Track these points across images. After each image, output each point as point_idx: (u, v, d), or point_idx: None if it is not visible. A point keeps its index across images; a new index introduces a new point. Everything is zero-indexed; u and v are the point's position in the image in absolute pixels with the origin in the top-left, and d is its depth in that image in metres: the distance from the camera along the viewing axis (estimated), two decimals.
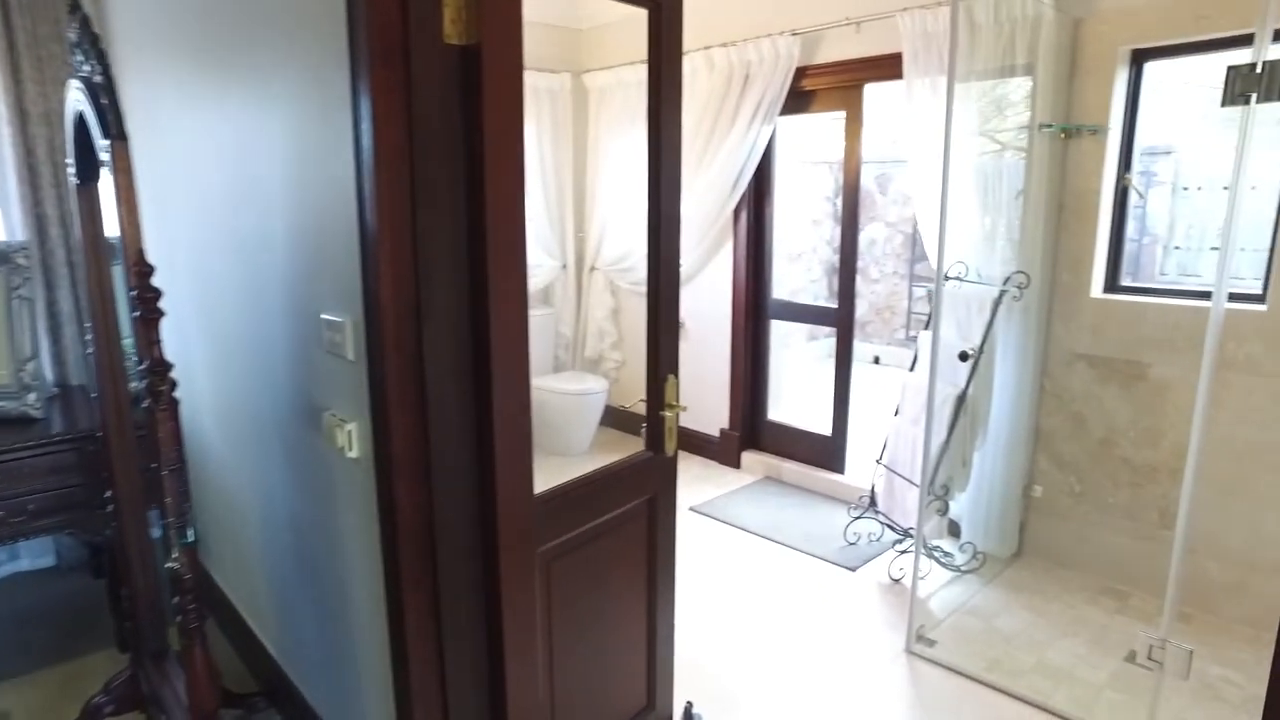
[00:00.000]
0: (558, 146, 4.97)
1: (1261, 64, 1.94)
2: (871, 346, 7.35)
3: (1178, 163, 5.18)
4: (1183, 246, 5.03)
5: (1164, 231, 5.28)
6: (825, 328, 5.75)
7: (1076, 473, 3.21)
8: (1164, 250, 5.21)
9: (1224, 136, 5.21)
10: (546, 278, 5.06)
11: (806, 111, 4.07)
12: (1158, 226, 5.22)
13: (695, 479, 4.45)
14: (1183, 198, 5.26)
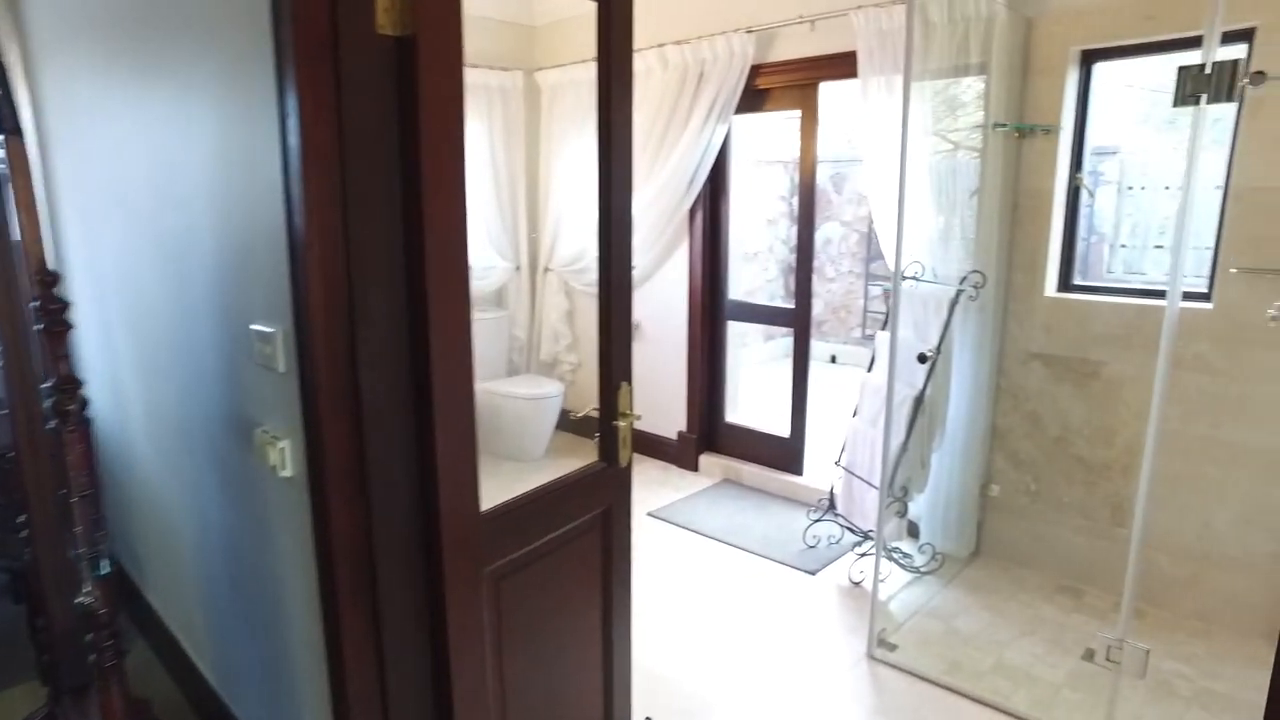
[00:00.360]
0: (510, 145, 4.87)
1: (1210, 65, 1.94)
2: (828, 345, 7.37)
3: (1123, 163, 5.27)
4: (1129, 245, 5.11)
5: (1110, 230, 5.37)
6: (783, 328, 5.73)
7: (1032, 471, 3.22)
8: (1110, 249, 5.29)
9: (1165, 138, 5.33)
10: (499, 279, 4.96)
11: (761, 110, 4.03)
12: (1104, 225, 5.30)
13: (653, 483, 4.39)
14: (1128, 197, 5.35)
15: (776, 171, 7.20)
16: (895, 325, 2.78)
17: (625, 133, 1.82)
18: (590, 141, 4.73)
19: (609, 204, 1.83)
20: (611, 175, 1.82)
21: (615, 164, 1.82)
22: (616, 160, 1.82)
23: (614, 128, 1.79)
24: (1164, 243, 5.00)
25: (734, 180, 4.31)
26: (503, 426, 4.75)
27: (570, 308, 5.08)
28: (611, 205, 1.83)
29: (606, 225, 1.84)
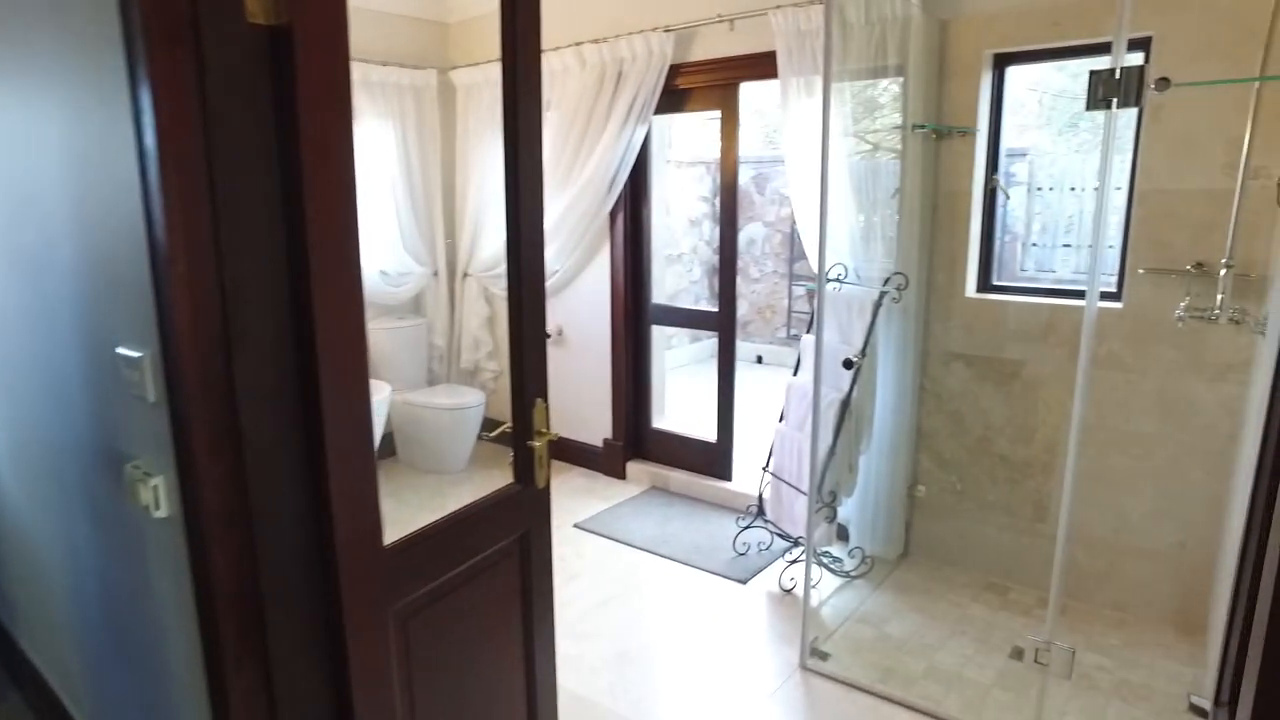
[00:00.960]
0: (424, 147, 4.68)
1: (1119, 70, 1.95)
2: (754, 346, 7.39)
3: (1032, 164, 5.42)
4: (1039, 244, 5.25)
5: (1022, 229, 5.51)
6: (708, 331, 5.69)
7: (957, 471, 3.24)
8: (1023, 248, 5.43)
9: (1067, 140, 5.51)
10: (416, 285, 4.76)
11: (682, 110, 3.97)
12: (1016, 225, 5.44)
13: (579, 492, 4.28)
14: (1037, 197, 5.51)
15: (699, 173, 7.18)
16: (820, 329, 2.75)
17: (534, 135, 1.71)
18: None
19: (517, 209, 1.71)
20: (520, 179, 1.70)
21: (524, 169, 1.70)
22: (525, 165, 1.70)
23: (522, 131, 1.68)
24: (1071, 241, 5.16)
25: (655, 182, 4.23)
26: (423, 439, 4.57)
27: (490, 314, 4.93)
28: (521, 210, 1.71)
29: (515, 232, 1.73)
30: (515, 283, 1.77)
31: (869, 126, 3.24)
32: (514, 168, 1.69)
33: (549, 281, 4.49)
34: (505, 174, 1.70)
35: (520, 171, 1.69)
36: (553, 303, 4.60)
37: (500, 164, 4.20)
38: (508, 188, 1.71)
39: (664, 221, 7.00)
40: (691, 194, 7.18)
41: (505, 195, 1.72)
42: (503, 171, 1.72)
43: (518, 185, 1.69)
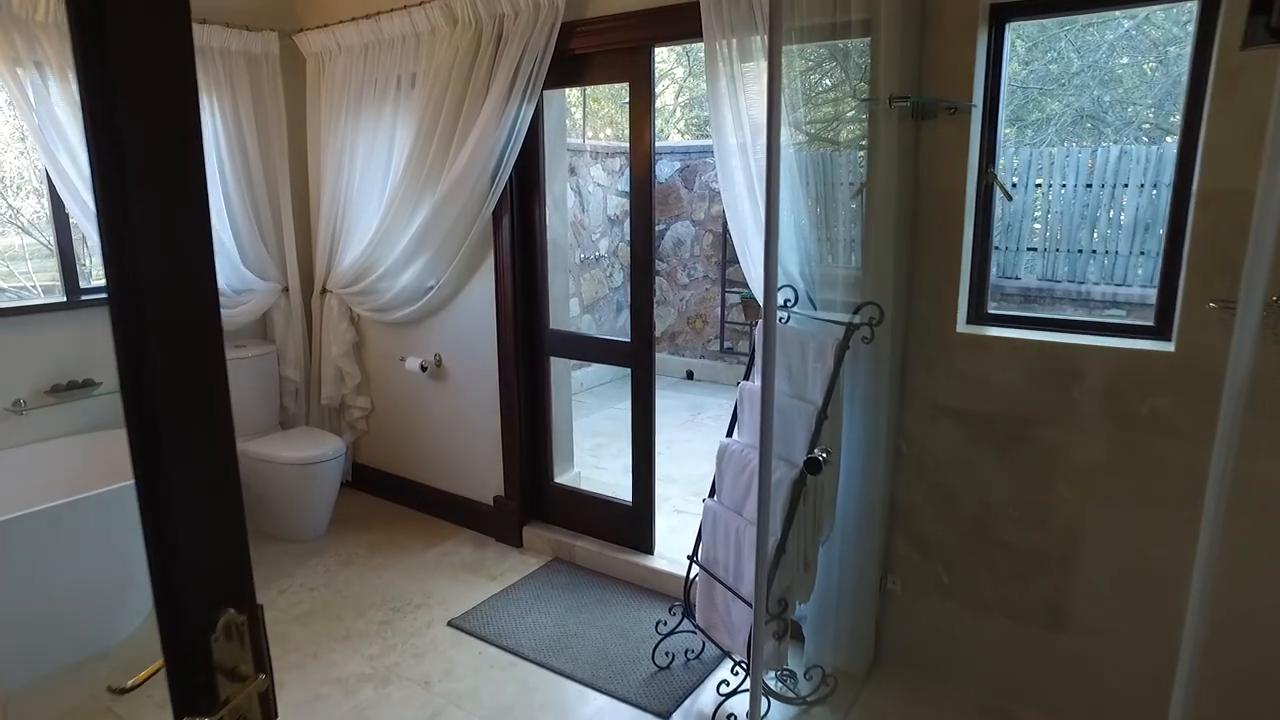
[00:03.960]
0: (264, 129, 3.69)
1: None
2: (684, 360, 6.57)
3: (1031, 154, 4.72)
4: (1038, 249, 4.54)
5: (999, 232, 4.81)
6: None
7: (944, 560, 2.45)
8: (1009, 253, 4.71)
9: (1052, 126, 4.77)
10: (259, 305, 3.77)
11: (579, 83, 3.09)
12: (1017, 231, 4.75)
13: (463, 569, 3.37)
14: (1031, 193, 4.82)
15: (620, 163, 6.31)
16: (767, 378, 1.91)
17: None
18: (369, 124, 3.68)
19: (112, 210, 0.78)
20: (111, 160, 0.78)
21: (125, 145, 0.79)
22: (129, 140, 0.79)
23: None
24: (1094, 248, 4.46)
25: (551, 175, 3.34)
26: (270, 498, 3.60)
27: (357, 338, 3.97)
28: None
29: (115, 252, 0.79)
30: (125, 354, 0.84)
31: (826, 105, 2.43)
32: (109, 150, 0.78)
33: (423, 300, 3.55)
34: (91, 163, 0.78)
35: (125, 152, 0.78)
36: (430, 326, 3.67)
37: (363, 152, 3.26)
38: (99, 184, 0.79)
39: (579, 220, 6.14)
40: (612, 188, 6.31)
41: (95, 193, 0.79)
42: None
43: (107, 171, 0.78)
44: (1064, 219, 4.71)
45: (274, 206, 3.77)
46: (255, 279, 3.71)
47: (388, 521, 3.84)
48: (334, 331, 3.88)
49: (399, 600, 3.12)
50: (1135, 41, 6.35)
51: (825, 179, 2.42)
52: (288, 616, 3.01)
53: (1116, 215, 4.52)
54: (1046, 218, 4.79)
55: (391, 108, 3.42)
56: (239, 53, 3.51)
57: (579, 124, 6.52)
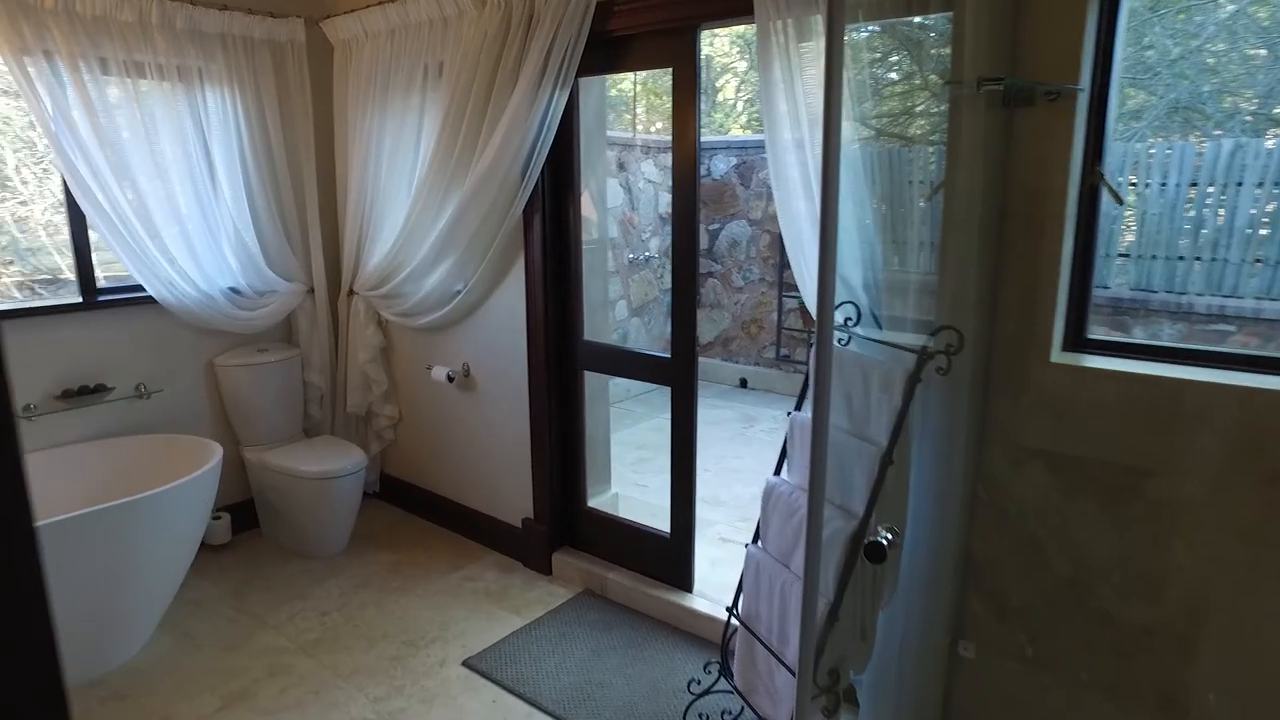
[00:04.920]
0: (289, 123, 3.49)
1: None
2: (736, 367, 6.23)
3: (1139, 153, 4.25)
4: (1130, 255, 4.08)
5: None
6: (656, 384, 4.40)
7: (1029, 626, 2.08)
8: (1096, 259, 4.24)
9: None
10: (282, 307, 3.57)
11: (617, 69, 2.80)
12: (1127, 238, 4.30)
13: (486, 597, 3.11)
14: (1151, 199, 4.35)
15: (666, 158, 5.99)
16: (822, 412, 1.58)
17: None
18: (396, 115, 3.44)
19: None
20: None
21: None
22: None
23: None
24: (1198, 255, 3.98)
25: (587, 171, 3.05)
26: (288, 512, 3.41)
27: (385, 343, 3.75)
28: None
29: None
30: None
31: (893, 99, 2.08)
32: None
33: (450, 305, 3.30)
34: None
35: None
36: (458, 333, 3.43)
37: (390, 145, 3.02)
38: None
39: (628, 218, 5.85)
40: (664, 184, 5.99)
41: None
42: None
43: None
44: (1162, 222, 4.22)
45: (299, 203, 3.57)
46: (278, 279, 3.51)
47: (412, 539, 3.61)
48: (360, 336, 3.67)
49: (414, 632, 2.87)
50: (1238, 26, 5.75)
51: (894, 178, 2.08)
52: (295, 645, 2.79)
53: (1229, 218, 4.02)
54: (1141, 220, 4.30)
55: (418, 98, 3.17)
56: (263, 40, 3.31)
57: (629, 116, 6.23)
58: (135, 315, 3.20)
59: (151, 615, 2.80)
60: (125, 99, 2.99)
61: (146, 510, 2.57)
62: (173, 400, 3.33)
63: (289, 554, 3.46)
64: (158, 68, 3.05)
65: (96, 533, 2.47)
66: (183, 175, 3.16)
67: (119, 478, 3.02)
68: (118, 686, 2.59)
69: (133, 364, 3.21)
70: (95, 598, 2.54)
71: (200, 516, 2.89)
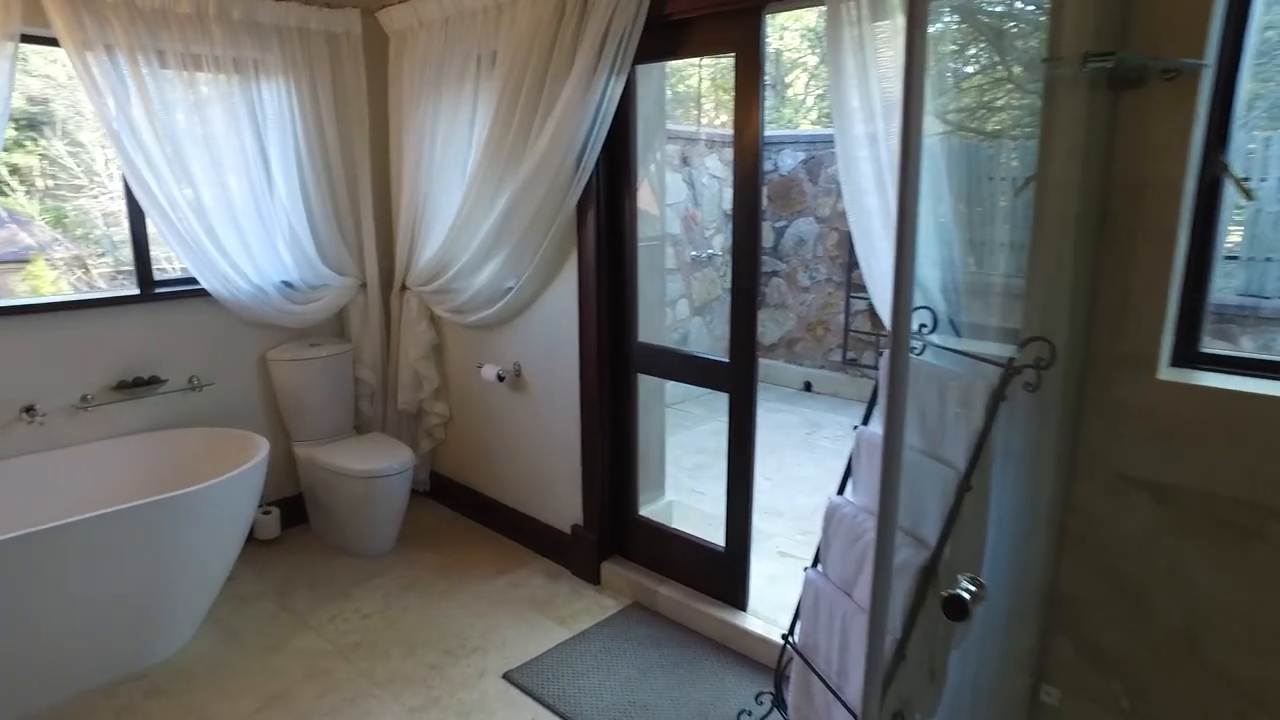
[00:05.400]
0: (344, 115, 3.44)
1: None
2: (801, 370, 6.00)
3: None
4: (1240, 257, 3.73)
5: None
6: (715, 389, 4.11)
7: (1126, 676, 1.85)
8: None
9: None
10: (334, 302, 3.53)
11: (676, 54, 2.63)
12: None
13: (531, 605, 3.00)
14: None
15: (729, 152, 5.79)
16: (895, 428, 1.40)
17: None
18: (451, 107, 3.35)
19: None
20: None
21: None
22: None
23: None
24: None
25: (644, 164, 2.90)
26: (335, 510, 3.37)
27: (437, 341, 3.67)
28: None
29: None
30: None
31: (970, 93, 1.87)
32: None
33: (501, 303, 3.19)
34: None
35: None
36: (509, 332, 3.32)
37: (448, 136, 2.93)
38: None
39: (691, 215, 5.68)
40: (729, 179, 5.80)
41: None
42: None
43: None
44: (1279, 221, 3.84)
45: (353, 196, 3.52)
46: (331, 274, 3.47)
47: (459, 540, 3.52)
48: (412, 332, 3.60)
49: (455, 639, 2.78)
50: None
51: (972, 174, 1.87)
52: (334, 648, 2.73)
53: None
54: (1254, 218, 3.93)
55: (471, 88, 3.07)
56: (318, 32, 3.26)
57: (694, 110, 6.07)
58: (190, 308, 3.19)
59: (196, 610, 2.78)
60: (182, 92, 2.97)
61: (190, 505, 2.53)
62: (225, 393, 3.32)
63: (336, 551, 3.42)
64: (214, 60, 3.02)
65: (140, 527, 2.44)
66: (238, 168, 3.13)
67: (167, 470, 3.01)
68: (160, 681, 2.57)
69: (186, 356, 3.20)
70: (139, 591, 2.52)
71: (245, 512, 2.85)
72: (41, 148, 4.02)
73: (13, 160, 7.56)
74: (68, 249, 9.63)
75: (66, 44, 2.69)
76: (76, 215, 7.82)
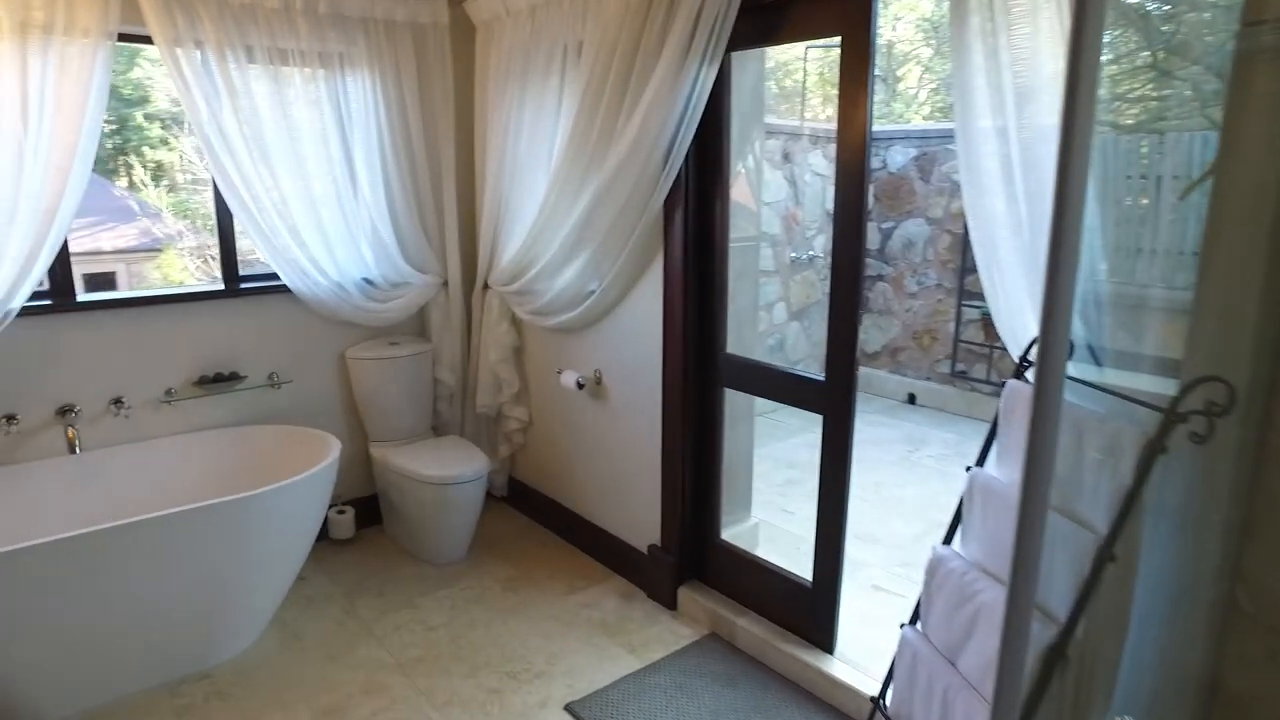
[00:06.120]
0: (430, 109, 3.34)
1: None
2: (905, 381, 5.61)
3: None
4: None
5: None
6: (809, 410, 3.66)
7: None
8: None
9: None
10: (414, 300, 3.45)
11: (776, 39, 2.39)
12: None
13: (599, 628, 2.82)
14: None
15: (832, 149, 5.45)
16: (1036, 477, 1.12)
17: None
18: (540, 98, 3.22)
19: None
20: None
21: None
22: None
23: None
24: None
25: (737, 160, 2.67)
26: (408, 514, 3.29)
27: (518, 343, 3.55)
28: None
29: None
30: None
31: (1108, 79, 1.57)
32: None
33: (583, 306, 3.03)
34: None
35: None
36: (591, 337, 3.15)
37: (536, 130, 2.74)
38: None
39: (791, 214, 5.38)
40: (833, 178, 5.46)
41: None
42: None
43: None
44: None
45: (436, 192, 3.43)
46: (412, 271, 3.38)
47: (532, 551, 3.39)
48: (493, 333, 3.49)
49: (519, 662, 2.63)
50: None
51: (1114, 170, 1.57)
52: (395, 661, 2.63)
53: None
54: None
55: (557, 80, 2.91)
56: (405, 23, 3.17)
57: (799, 104, 5.76)
58: (273, 304, 3.16)
59: (262, 612, 2.73)
60: (268, 87, 2.93)
61: (257, 507, 2.48)
62: (303, 391, 3.28)
63: (407, 556, 3.34)
64: (300, 54, 2.97)
65: (205, 528, 2.40)
66: (321, 162, 3.08)
67: (240, 468, 2.99)
68: (222, 682, 2.52)
69: (267, 353, 3.18)
70: (206, 591, 2.48)
71: (314, 514, 2.79)
72: (179, 145, 4.11)
73: (157, 157, 7.92)
74: (191, 240, 10.04)
75: (159, 41, 2.68)
76: (199, 208, 8.18)
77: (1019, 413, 1.58)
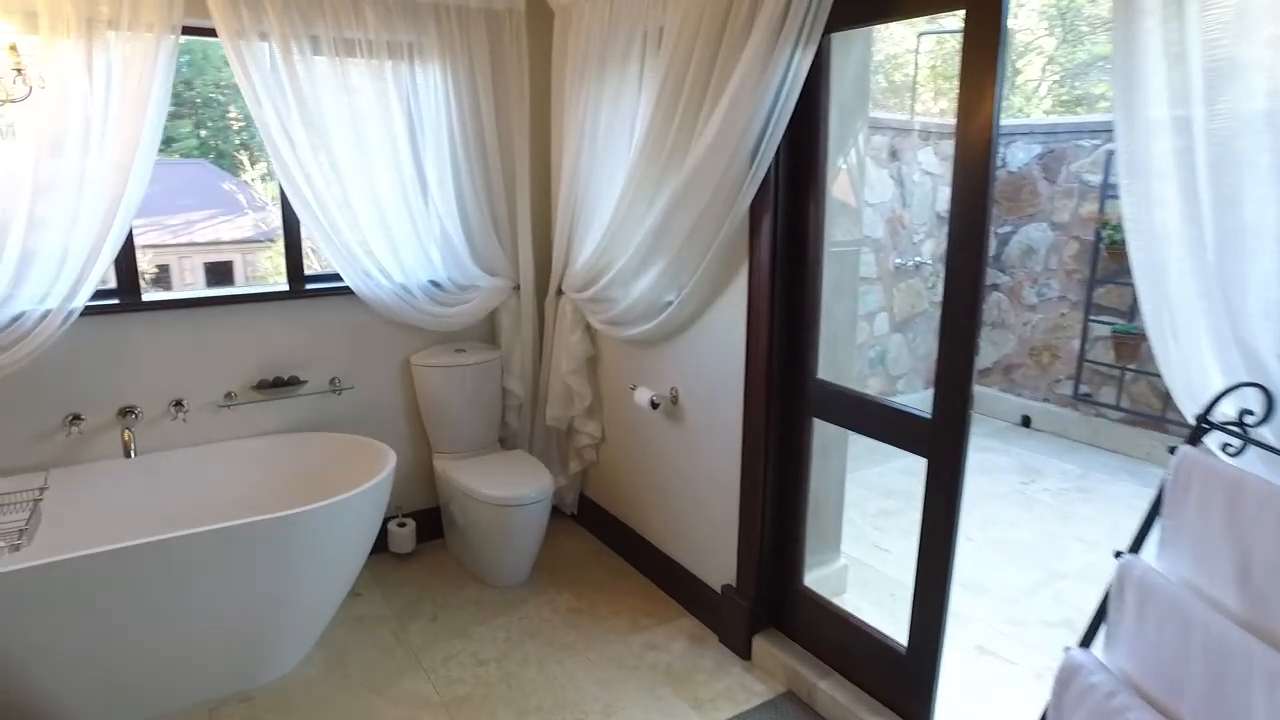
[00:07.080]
0: (504, 102, 3.14)
1: None
2: (1019, 401, 5.09)
3: None
4: None
5: None
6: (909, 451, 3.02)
7: None
8: None
9: None
10: (483, 304, 3.26)
11: (884, 17, 2.04)
12: None
13: (663, 676, 2.55)
14: None
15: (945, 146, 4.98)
16: None
17: None
18: (617, 90, 2.80)
19: None
20: None
21: None
22: None
23: None
24: None
25: (838, 156, 2.33)
26: (469, 531, 3.11)
27: (593, 353, 3.31)
28: None
29: None
30: None
31: None
32: None
33: (660, 319, 2.75)
34: None
35: None
36: (667, 352, 2.88)
37: (613, 125, 2.29)
38: None
39: (897, 217, 4.96)
40: (945, 177, 5.01)
41: None
42: None
43: None
44: None
45: (509, 190, 3.22)
46: (482, 274, 3.19)
47: (599, 579, 3.14)
48: (565, 342, 3.26)
49: (571, 710, 2.39)
50: None
51: None
52: (440, 699, 2.43)
53: None
54: None
55: (636, 69, 2.65)
56: (478, 10, 2.97)
57: (908, 97, 5.32)
58: (336, 307, 3.03)
59: (310, 631, 2.59)
60: (334, 80, 2.77)
61: (303, 524, 2.32)
62: (365, 398, 3.14)
63: (467, 576, 3.15)
64: (368, 45, 2.81)
65: (253, 544, 2.26)
66: (387, 159, 2.91)
67: (293, 476, 2.87)
68: (260, 708, 2.39)
69: (329, 357, 3.05)
70: (249, 610, 2.35)
71: (365, 531, 2.62)
72: None
73: None
74: None
75: (222, 34, 2.57)
76: None
77: (1195, 490, 1.22)
